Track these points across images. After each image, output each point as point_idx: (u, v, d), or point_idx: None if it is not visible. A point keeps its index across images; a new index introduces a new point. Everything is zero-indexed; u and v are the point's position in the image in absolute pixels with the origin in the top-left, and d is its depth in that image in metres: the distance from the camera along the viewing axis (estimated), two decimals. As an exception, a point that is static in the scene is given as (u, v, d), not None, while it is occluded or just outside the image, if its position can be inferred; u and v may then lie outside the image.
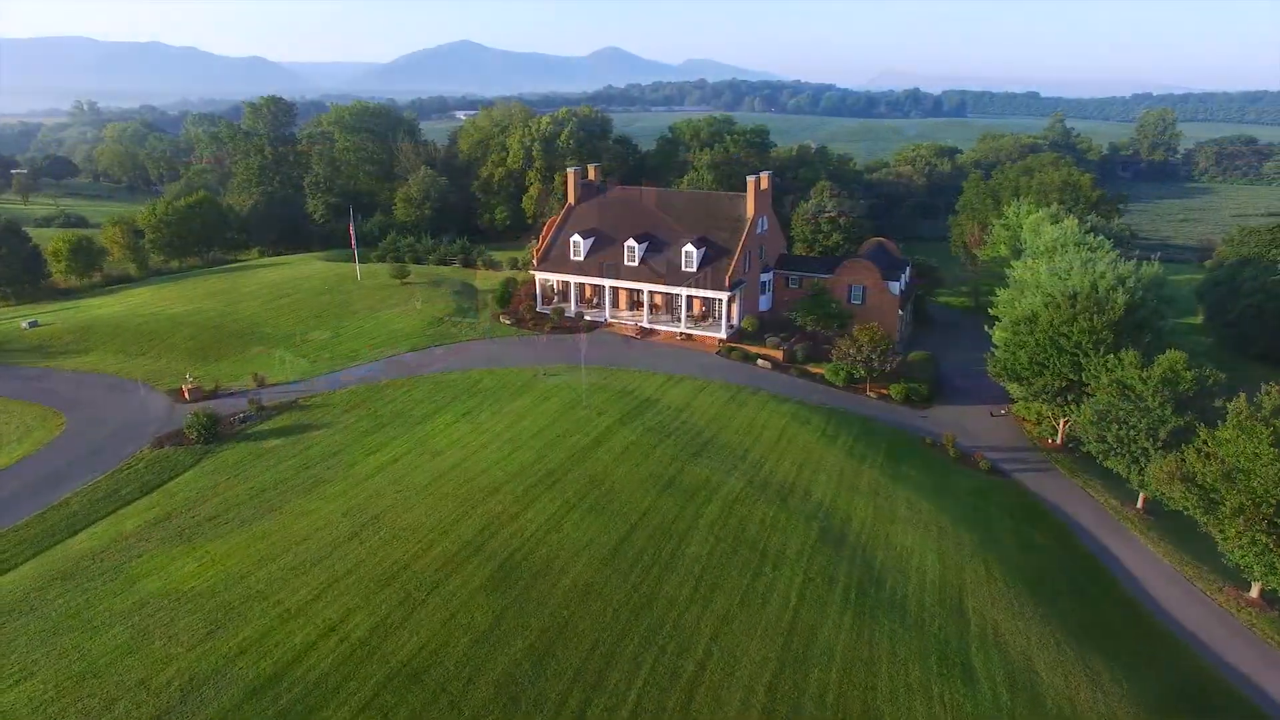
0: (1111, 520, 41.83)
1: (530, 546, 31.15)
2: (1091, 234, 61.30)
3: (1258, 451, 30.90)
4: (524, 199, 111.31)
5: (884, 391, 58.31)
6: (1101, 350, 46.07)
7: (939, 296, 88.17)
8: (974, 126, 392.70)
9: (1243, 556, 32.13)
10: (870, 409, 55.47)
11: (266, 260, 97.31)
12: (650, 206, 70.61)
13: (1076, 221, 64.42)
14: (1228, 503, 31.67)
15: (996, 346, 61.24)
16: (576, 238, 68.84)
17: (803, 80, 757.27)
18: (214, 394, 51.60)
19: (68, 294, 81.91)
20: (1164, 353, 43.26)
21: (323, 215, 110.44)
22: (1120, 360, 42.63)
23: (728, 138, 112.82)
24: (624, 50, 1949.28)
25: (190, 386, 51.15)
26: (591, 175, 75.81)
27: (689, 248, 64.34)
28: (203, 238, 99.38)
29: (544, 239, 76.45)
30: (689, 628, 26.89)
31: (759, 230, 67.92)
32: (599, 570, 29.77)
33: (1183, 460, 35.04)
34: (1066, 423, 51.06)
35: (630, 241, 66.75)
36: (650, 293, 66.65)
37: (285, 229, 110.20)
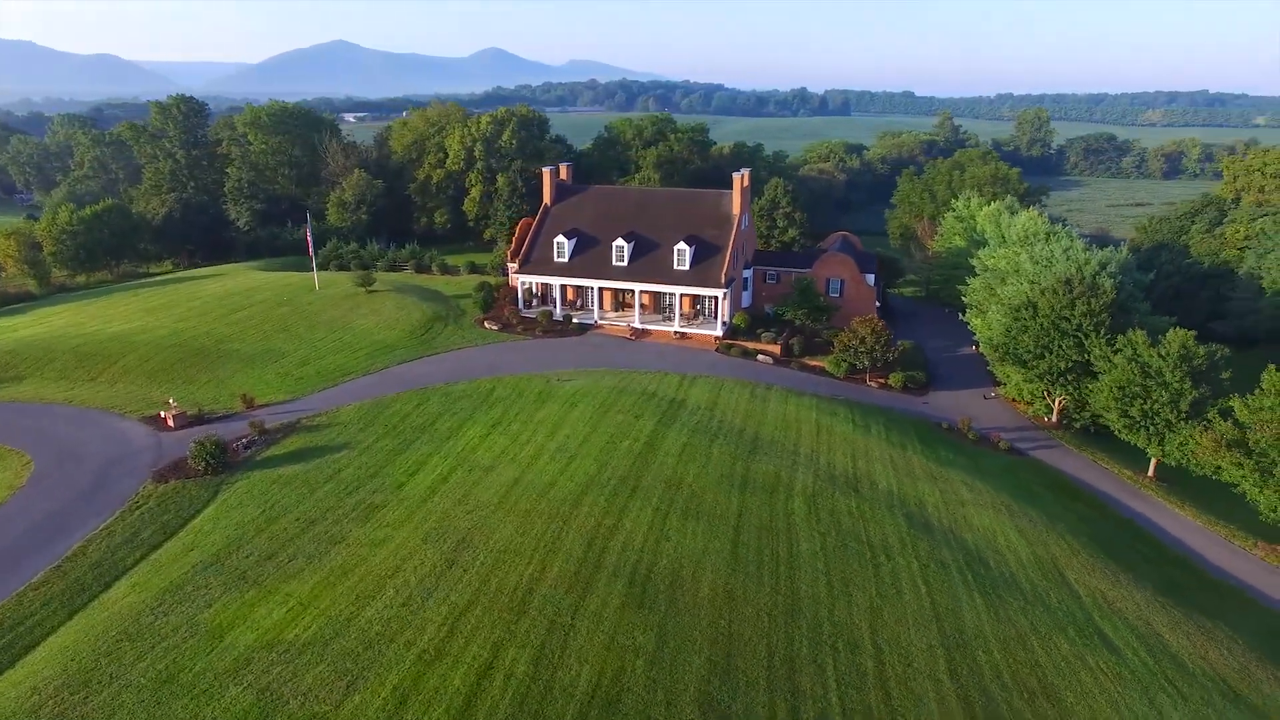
0: (1132, 489, 44.71)
1: (649, 558, 29.84)
2: (1059, 225, 65.36)
3: None
4: (466, 201, 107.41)
5: (883, 381, 60.01)
6: (1101, 332, 49.20)
7: (892, 287, 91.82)
8: (858, 124, 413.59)
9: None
10: (877, 398, 56.94)
11: (194, 272, 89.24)
12: (633, 206, 69.66)
13: (1037, 213, 68.50)
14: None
15: (976, 333, 64.36)
16: (560, 238, 66.98)
17: (692, 80, 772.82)
18: (200, 419, 46.81)
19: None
20: (1134, 331, 46.82)
21: (247, 223, 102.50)
22: (1131, 340, 45.57)
23: (671, 136, 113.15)
24: (506, 51, 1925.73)
25: (174, 413, 46.12)
26: (564, 175, 74.00)
27: (681, 246, 63.92)
28: (112, 249, 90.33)
29: (518, 241, 74.01)
30: (845, 624, 26.52)
31: (743, 227, 68.39)
32: (730, 575, 28.90)
33: (1236, 427, 37.69)
34: (1062, 401, 54.26)
35: (619, 241, 65.60)
36: (641, 292, 65.79)
37: (204, 238, 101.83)
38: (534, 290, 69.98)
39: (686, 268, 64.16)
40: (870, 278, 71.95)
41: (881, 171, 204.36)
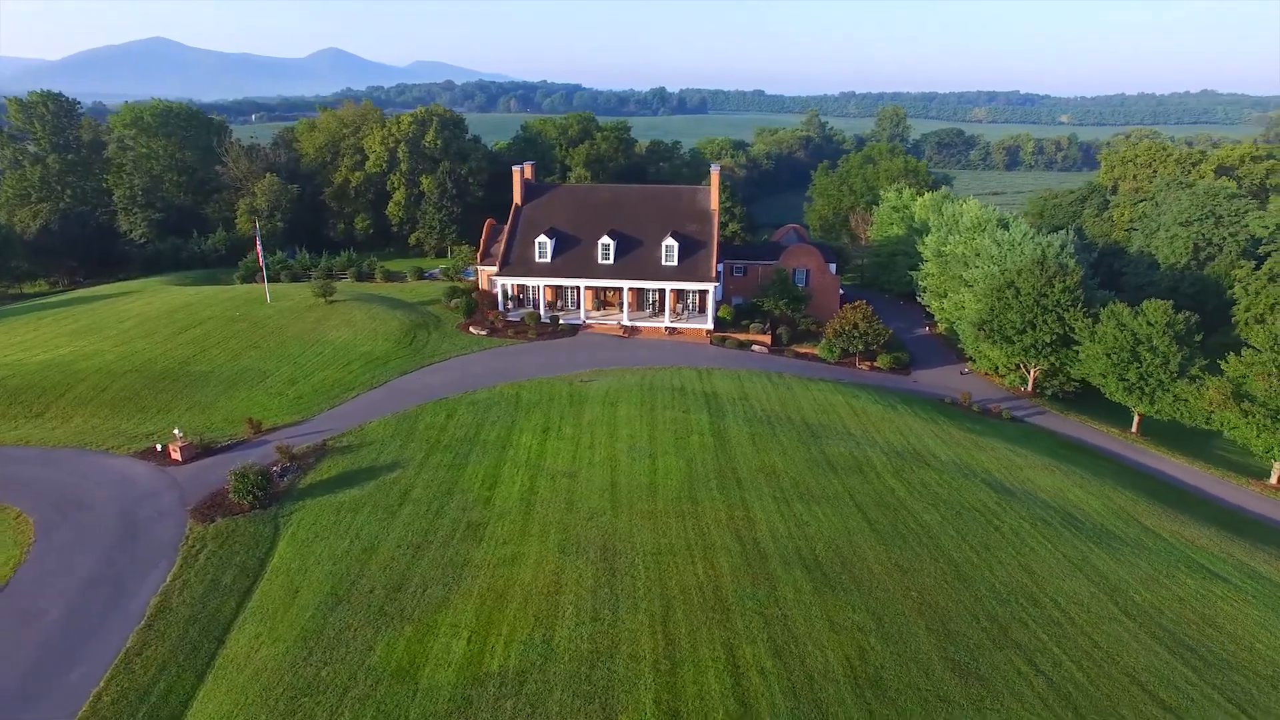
0: (1125, 443, 49.92)
1: (804, 543, 29.97)
2: (1008, 213, 71.37)
3: None
4: (389, 205, 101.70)
5: (872, 363, 63.22)
6: (1079, 306, 54.47)
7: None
8: (719, 121, 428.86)
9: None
10: (874, 379, 59.93)
11: (95, 291, 78.82)
12: (608, 204, 68.95)
13: (979, 202, 74.42)
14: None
15: (934, 316, 69.14)
16: (542, 239, 65.24)
17: (550, 80, 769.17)
18: (208, 450, 42.02)
19: None
20: (1115, 303, 52.54)
21: (143, 235, 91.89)
22: (1114, 311, 50.78)
23: (597, 135, 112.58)
24: (346, 51, 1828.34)
25: (182, 444, 41.14)
26: (528, 174, 72.04)
27: (669, 242, 64.14)
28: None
29: (485, 243, 71.38)
30: (1011, 582, 28.04)
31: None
32: (886, 551, 29.65)
33: (1239, 382, 42.96)
34: (1036, 371, 59.50)
35: (604, 239, 64.79)
36: (630, 290, 65.35)
37: (89, 253, 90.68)
38: (510, 292, 67.78)
39: (674, 263, 64.49)
40: (833, 267, 75.43)
41: (766, 167, 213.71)
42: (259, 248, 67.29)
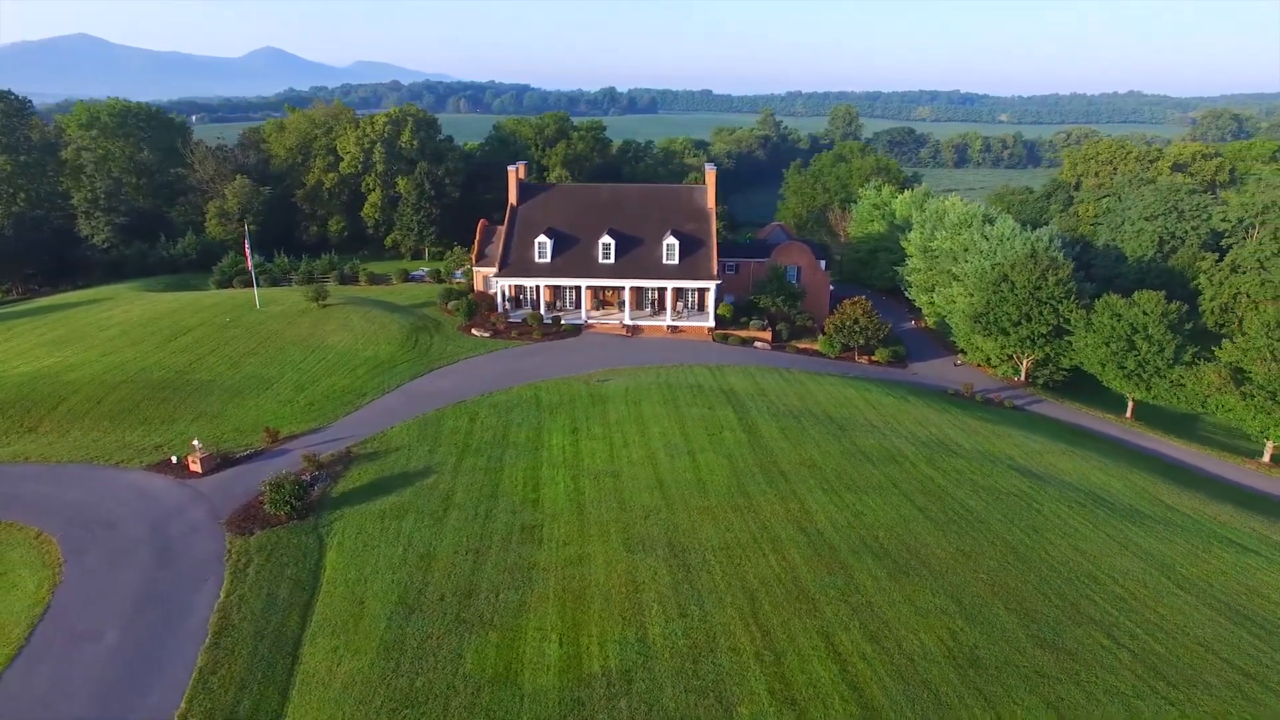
0: (1123, 428, 52.14)
1: (866, 533, 30.47)
2: (992, 210, 73.65)
3: None
4: (365, 206, 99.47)
5: (871, 358, 64.59)
6: (1071, 298, 56.64)
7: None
8: (670, 121, 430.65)
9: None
10: (877, 373, 61.26)
11: (64, 299, 75.09)
12: (605, 203, 68.79)
13: (963, 199, 76.65)
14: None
15: (923, 310, 70.99)
16: (542, 238, 64.76)
17: (498, 80, 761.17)
18: (228, 460, 40.66)
19: None
20: (1109, 295, 54.87)
21: (106, 239, 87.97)
22: (1109, 303, 52.97)
23: (573, 135, 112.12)
24: (284, 51, 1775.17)
25: (202, 455, 39.70)
26: (521, 174, 71.36)
27: (671, 240, 64.37)
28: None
29: (480, 243, 70.50)
30: (1068, 562, 29.03)
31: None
32: (943, 537, 30.40)
33: (1228, 367, 45.30)
34: (1029, 362, 61.64)
35: (605, 239, 64.65)
36: (632, 289, 65.32)
37: (47, 259, 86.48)
38: (506, 293, 67.09)
39: (675, 262, 64.76)
40: (823, 264, 76.74)
41: (727, 166, 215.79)
42: (247, 251, 65.14)
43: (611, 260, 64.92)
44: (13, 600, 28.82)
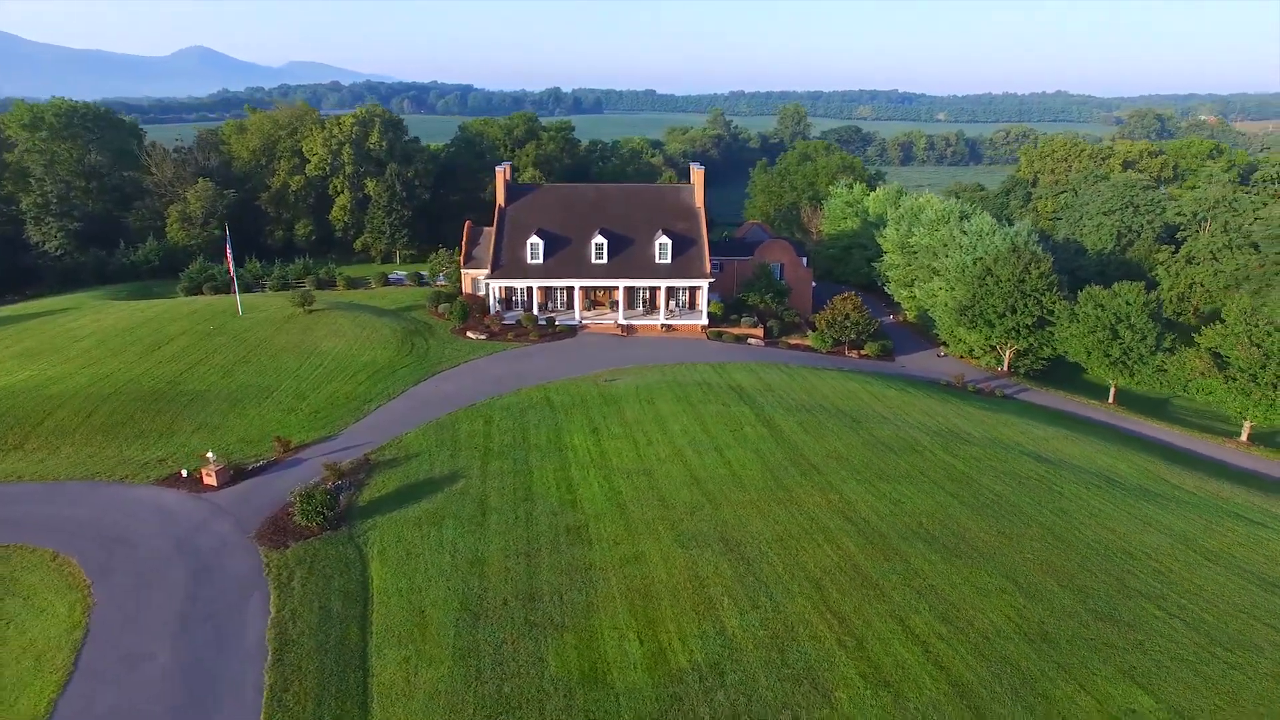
0: (1109, 413, 54.64)
1: (910, 519, 31.26)
2: (970, 206, 76.10)
3: None
4: (334, 209, 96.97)
5: (861, 352, 66.10)
6: (1054, 290, 59.05)
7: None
8: (616, 121, 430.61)
9: (1266, 415, 45.80)
10: (869, 366, 62.72)
11: (25, 308, 71.59)
12: (593, 204, 68.65)
13: (939, 196, 78.99)
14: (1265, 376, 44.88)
15: (903, 305, 72.99)
16: (534, 239, 64.29)
17: (441, 81, 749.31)
18: (242, 473, 39.38)
19: None
20: (1091, 287, 57.45)
21: (59, 246, 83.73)
22: (1092, 294, 55.41)
23: (542, 135, 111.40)
24: (214, 50, 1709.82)
25: (217, 468, 38.39)
26: (508, 176, 70.66)
27: (663, 240, 64.68)
28: None
29: (468, 245, 69.54)
30: (1102, 541, 30.35)
31: (700, 219, 70.65)
32: (981, 521, 31.42)
33: (1215, 356, 47.86)
34: (1011, 353, 64.01)
35: (597, 239, 64.56)
36: (626, 289, 65.37)
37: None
38: (498, 294, 66.40)
39: (668, 261, 65.11)
40: (804, 261, 78.18)
41: (683, 165, 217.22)
42: (229, 257, 62.90)
43: (604, 260, 64.90)
44: (47, 624, 27.46)
